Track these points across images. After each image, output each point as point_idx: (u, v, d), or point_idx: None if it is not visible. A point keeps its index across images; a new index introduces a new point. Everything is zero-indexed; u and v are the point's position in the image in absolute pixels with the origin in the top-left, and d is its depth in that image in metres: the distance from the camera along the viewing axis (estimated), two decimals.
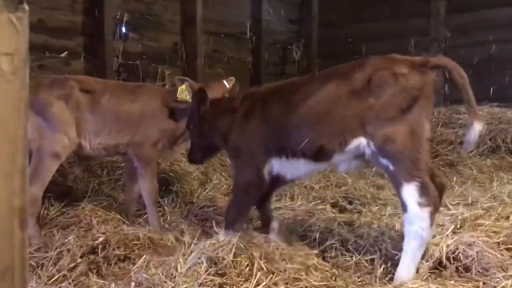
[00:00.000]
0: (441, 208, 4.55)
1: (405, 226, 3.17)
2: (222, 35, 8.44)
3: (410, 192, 3.09)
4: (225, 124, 3.95)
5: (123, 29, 6.80)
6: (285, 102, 3.61)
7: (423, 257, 3.20)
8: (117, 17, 6.71)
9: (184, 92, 4.37)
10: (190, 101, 4.33)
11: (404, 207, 3.16)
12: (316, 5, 9.87)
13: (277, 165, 3.68)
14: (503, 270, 3.08)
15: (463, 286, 2.96)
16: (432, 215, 3.12)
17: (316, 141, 3.42)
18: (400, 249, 3.44)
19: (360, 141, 3.30)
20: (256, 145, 3.70)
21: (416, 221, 3.08)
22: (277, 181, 3.86)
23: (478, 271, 3.08)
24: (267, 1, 9.01)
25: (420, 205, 3.07)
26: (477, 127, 3.22)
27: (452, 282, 2.98)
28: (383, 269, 3.34)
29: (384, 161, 3.23)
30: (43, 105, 4.10)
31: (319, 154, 3.46)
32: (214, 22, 8.26)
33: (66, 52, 6.25)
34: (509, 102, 7.43)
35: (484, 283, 2.98)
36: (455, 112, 7.45)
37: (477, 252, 3.12)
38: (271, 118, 3.65)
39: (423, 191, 3.08)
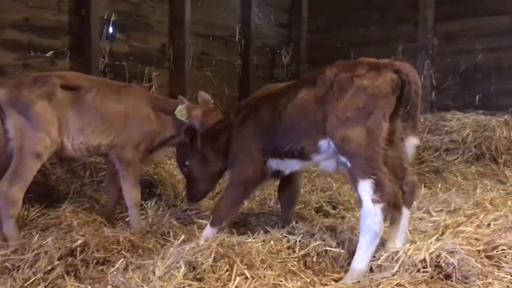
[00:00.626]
0: (424, 215, 4.60)
1: (361, 221, 3.35)
2: (211, 38, 8.41)
3: (365, 189, 3.28)
4: (224, 141, 4.21)
5: (110, 29, 6.75)
6: (272, 110, 3.87)
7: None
8: (105, 17, 6.67)
9: (181, 113, 4.49)
10: (187, 121, 4.52)
11: (360, 203, 3.35)
12: (305, 9, 9.89)
13: (275, 164, 3.95)
14: (483, 277, 3.07)
15: None
16: (385, 210, 3.28)
17: (298, 143, 3.69)
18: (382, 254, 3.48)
19: (324, 141, 3.54)
20: (254, 146, 3.94)
21: (369, 216, 3.26)
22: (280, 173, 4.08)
23: (458, 279, 3.07)
24: (256, 5, 9.00)
25: (373, 201, 3.25)
26: (414, 141, 3.44)
27: None
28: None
29: (342, 158, 3.44)
30: (25, 103, 4.01)
31: (303, 155, 3.74)
32: (203, 24, 8.23)
33: (51, 52, 6.20)
34: (494, 110, 7.48)
35: None
36: (441, 119, 7.48)
37: (458, 260, 3.11)
38: (262, 125, 3.92)
39: (377, 188, 3.25)
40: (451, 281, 3.06)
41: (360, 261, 3.30)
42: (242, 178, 3.99)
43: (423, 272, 3.10)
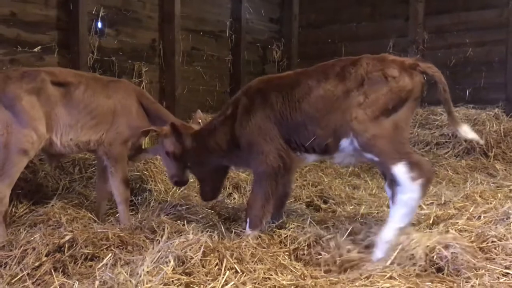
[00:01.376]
0: None
1: (398, 195, 3.37)
2: (201, 33, 8.37)
3: (400, 170, 3.33)
4: (224, 136, 4.01)
5: (99, 24, 6.69)
6: (287, 98, 3.71)
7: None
8: (93, 12, 6.61)
9: (147, 143, 4.39)
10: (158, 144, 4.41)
11: (397, 182, 3.37)
12: (297, 5, 9.88)
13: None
14: (475, 270, 3.06)
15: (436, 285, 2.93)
16: (424, 186, 3.32)
17: (322, 139, 3.59)
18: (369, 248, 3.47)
19: (346, 140, 3.49)
20: (269, 132, 3.76)
21: (407, 192, 3.30)
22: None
23: (450, 272, 3.06)
24: (247, 0, 8.96)
25: (412, 178, 3.29)
26: (465, 128, 3.55)
27: (425, 281, 2.95)
28: (355, 266, 3.30)
29: (368, 155, 3.45)
30: (12, 98, 3.95)
31: (326, 151, 3.67)
32: (193, 20, 8.19)
33: (39, 47, 6.13)
34: (484, 104, 7.53)
35: (454, 283, 2.97)
36: (432, 113, 7.52)
37: (451, 253, 3.10)
38: (274, 114, 3.74)
39: (413, 166, 3.30)
40: (443, 274, 3.05)
41: (390, 233, 3.29)
42: (265, 169, 3.74)
43: (416, 265, 3.09)
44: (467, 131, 3.53)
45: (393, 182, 3.68)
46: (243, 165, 4.29)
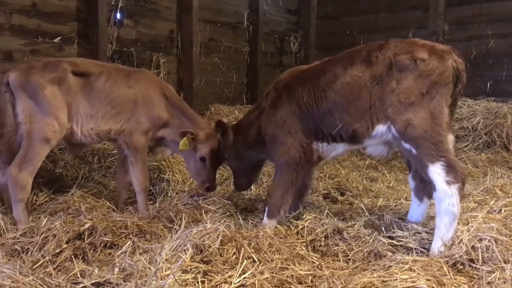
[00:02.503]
0: (433, 201, 4.53)
1: (436, 204, 3.28)
2: (219, 24, 8.37)
3: (436, 172, 3.23)
4: (256, 130, 4.03)
5: (118, 15, 6.73)
6: (312, 87, 3.68)
7: None
8: (112, 2, 6.65)
9: (185, 144, 4.38)
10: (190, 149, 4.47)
11: (432, 186, 3.28)
12: None
13: (319, 149, 3.79)
14: (497, 263, 3.01)
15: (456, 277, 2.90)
16: (461, 190, 3.23)
17: (349, 126, 3.52)
18: (388, 239, 3.50)
19: (383, 127, 3.42)
20: (293, 125, 3.76)
21: (445, 198, 3.21)
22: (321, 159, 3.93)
23: (469, 265, 3.02)
24: None
25: (448, 183, 3.20)
26: (451, 138, 3.43)
27: (445, 273, 2.92)
28: (373, 257, 3.30)
29: (406, 145, 3.35)
30: (35, 88, 4.01)
31: (354, 138, 3.59)
32: (211, 11, 8.19)
33: (59, 37, 6.20)
34: (506, 97, 7.39)
35: (476, 275, 2.93)
36: None
37: (486, 245, 3.06)
38: (300, 105, 3.72)
39: (449, 169, 3.21)
40: (463, 267, 3.01)
41: (440, 245, 3.20)
42: (287, 160, 3.76)
43: (437, 258, 3.06)
44: (450, 142, 3.39)
45: (417, 174, 3.68)
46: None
